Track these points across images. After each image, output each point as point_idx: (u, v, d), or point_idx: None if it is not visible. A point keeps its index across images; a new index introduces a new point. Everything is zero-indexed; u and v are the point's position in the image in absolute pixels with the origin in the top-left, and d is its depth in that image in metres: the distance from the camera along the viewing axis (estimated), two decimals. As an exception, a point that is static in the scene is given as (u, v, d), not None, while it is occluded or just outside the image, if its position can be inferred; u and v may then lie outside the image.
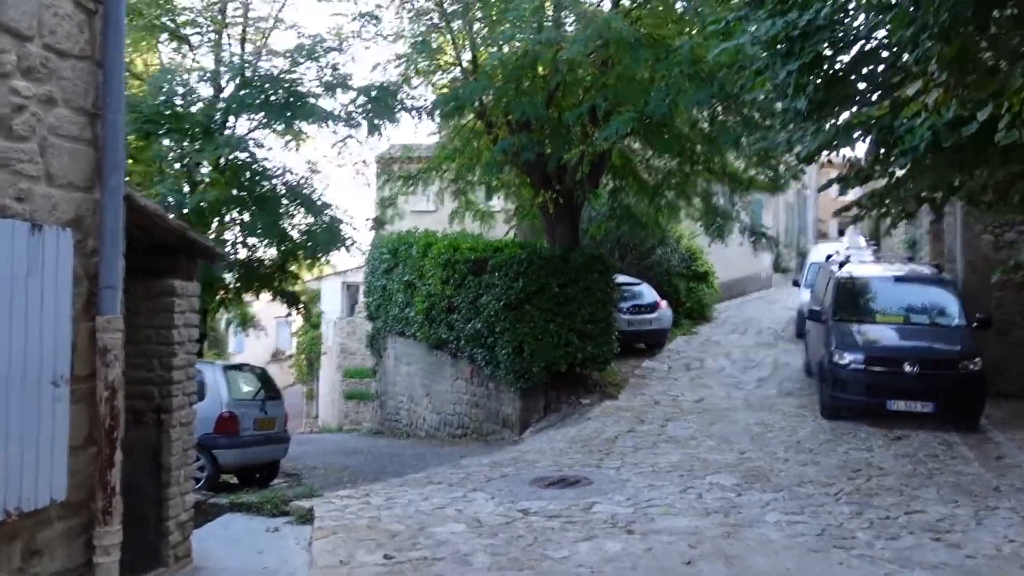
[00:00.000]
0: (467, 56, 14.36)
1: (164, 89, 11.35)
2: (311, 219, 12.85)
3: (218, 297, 12.63)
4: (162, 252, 6.85)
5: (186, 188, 11.91)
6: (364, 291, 24.87)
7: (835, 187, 10.17)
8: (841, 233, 47.49)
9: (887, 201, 8.96)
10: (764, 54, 7.44)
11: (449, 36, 13.64)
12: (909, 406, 11.54)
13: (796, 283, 20.76)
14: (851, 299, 12.96)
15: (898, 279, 13.28)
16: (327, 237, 13.31)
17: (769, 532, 7.37)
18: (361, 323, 27.14)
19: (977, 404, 11.62)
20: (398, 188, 15.92)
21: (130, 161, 12.08)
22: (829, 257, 15.81)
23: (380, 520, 7.96)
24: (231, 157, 11.81)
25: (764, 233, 16.26)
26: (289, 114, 12.03)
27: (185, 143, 11.02)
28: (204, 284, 11.93)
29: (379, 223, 15.04)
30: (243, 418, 10.69)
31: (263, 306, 46.27)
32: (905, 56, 6.33)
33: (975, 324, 12.24)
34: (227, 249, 11.53)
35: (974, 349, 11.84)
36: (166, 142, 11.01)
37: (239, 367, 12.22)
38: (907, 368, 11.60)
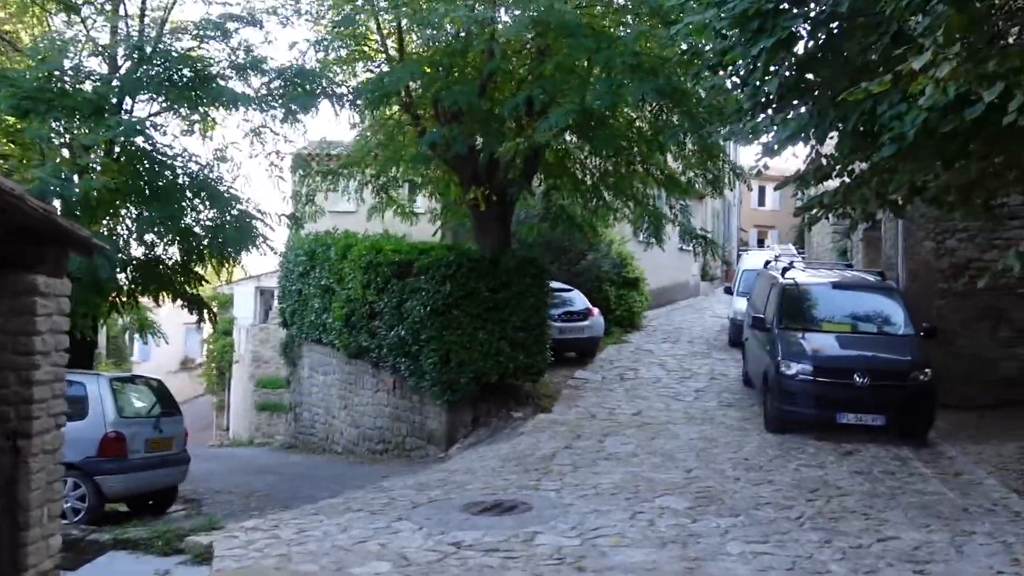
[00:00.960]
0: (393, 42, 13.31)
1: (47, 60, 9.92)
2: (218, 214, 11.53)
3: (109, 301, 11.18)
4: (22, 241, 5.61)
5: (75, 178, 10.54)
6: (278, 296, 23.46)
7: (767, 191, 9.51)
8: (761, 243, 48.07)
9: (849, 201, 8.29)
10: (732, 32, 6.67)
11: (374, 19, 12.56)
12: (859, 419, 10.98)
13: (728, 290, 20.31)
14: (796, 306, 12.39)
15: (843, 286, 12.78)
16: (237, 235, 12.03)
17: (735, 567, 6.55)
18: (275, 330, 25.68)
19: (928, 416, 11.16)
20: (316, 184, 14.71)
21: (6, 142, 10.64)
22: (768, 263, 15.30)
23: (291, 559, 6.84)
24: (125, 142, 10.44)
25: (704, 236, 15.64)
26: (195, 95, 10.73)
27: (73, 124, 9.64)
28: (94, 286, 10.57)
29: (296, 221, 13.79)
30: (133, 439, 9.33)
31: (169, 312, 43.98)
32: (905, 25, 5.65)
33: (922, 333, 11.78)
34: (119, 245, 10.11)
35: (924, 359, 11.38)
36: (51, 123, 9.59)
37: (130, 379, 10.85)
38: (857, 379, 11.03)
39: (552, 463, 10.48)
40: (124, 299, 11.12)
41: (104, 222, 10.51)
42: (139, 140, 10.65)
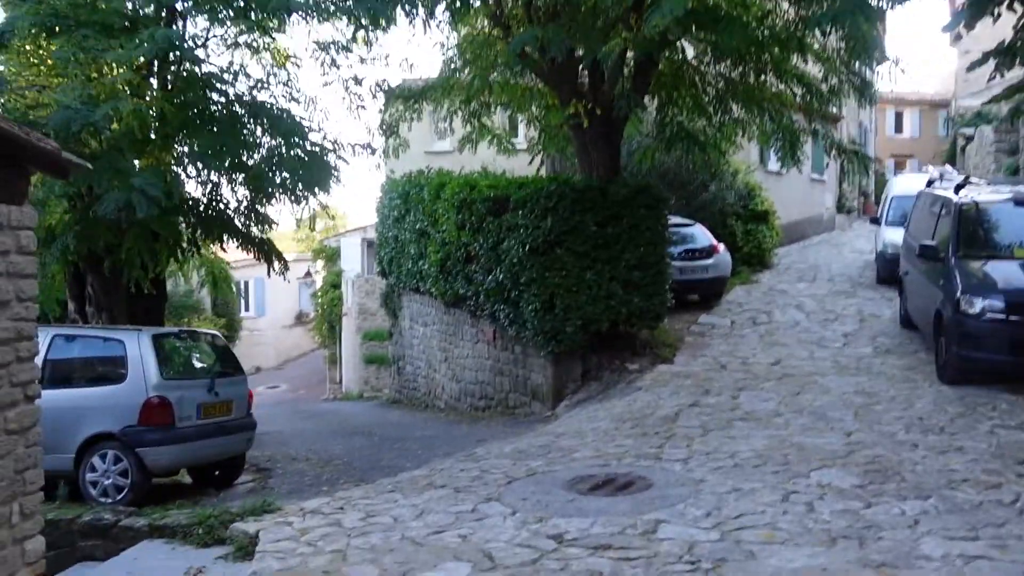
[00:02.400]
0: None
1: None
2: (283, 146, 10.13)
3: (168, 247, 9.97)
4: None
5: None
6: (376, 244, 22.33)
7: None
8: (900, 169, 43.89)
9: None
10: None
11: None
12: (1068, 366, 8.68)
13: (875, 220, 17.72)
14: (978, 230, 10.06)
15: (1036, 204, 10.29)
16: (308, 169, 10.66)
17: (944, 580, 4.67)
18: (380, 281, 24.65)
19: None
20: (399, 112, 13.14)
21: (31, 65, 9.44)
22: (931, 183, 12.85)
23: (346, 558, 5.40)
24: (168, 63, 9.11)
25: (856, 150, 13.25)
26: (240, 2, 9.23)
27: (103, 43, 8.36)
28: (142, 229, 9.42)
29: (373, 152, 12.27)
30: (181, 404, 8.04)
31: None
32: None
33: None
34: (167, 181, 8.82)
35: None
36: (80, 41, 8.32)
37: (179, 334, 9.60)
38: (1064, 316, 8.71)
39: (676, 425, 8.73)
40: (184, 245, 9.92)
41: (155, 158, 9.25)
42: (187, 64, 9.30)
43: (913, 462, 6.96)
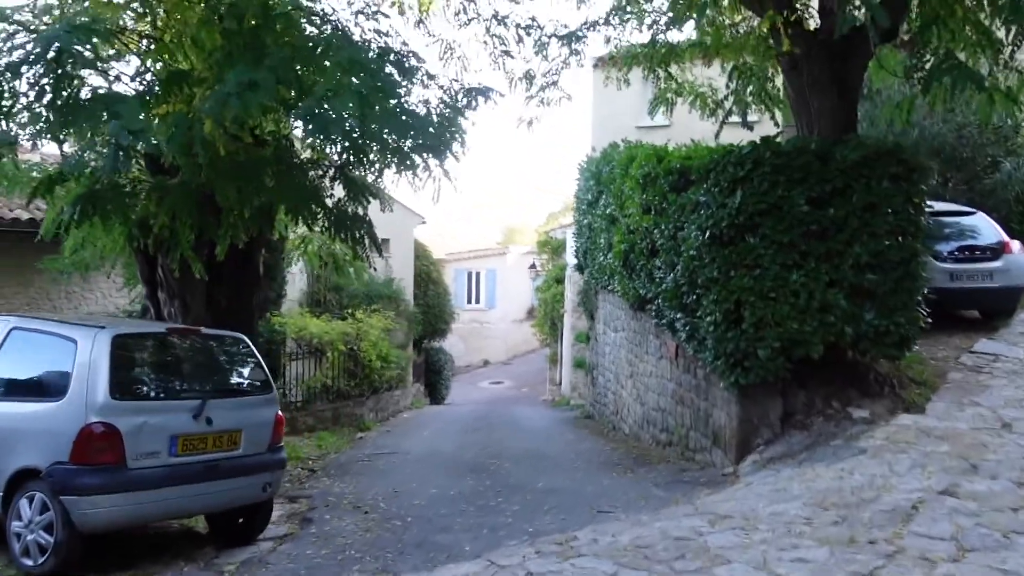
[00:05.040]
0: None
1: None
2: (374, 92, 7.73)
3: (231, 221, 7.88)
4: None
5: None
6: (573, 233, 19.69)
7: None
8: None
9: None
10: None
11: None
12: None
13: None
14: None
15: None
16: (433, 131, 8.22)
17: None
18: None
19: None
20: (552, 59, 10.25)
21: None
22: None
23: None
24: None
25: None
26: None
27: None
28: (182, 196, 7.40)
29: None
30: (140, 435, 5.70)
31: (518, 258, 42.52)
32: None
33: None
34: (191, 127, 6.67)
35: None
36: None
37: (163, 335, 6.78)
38: None
39: (910, 528, 5.20)
40: (246, 217, 7.77)
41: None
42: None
43: None
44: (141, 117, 6.17)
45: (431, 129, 8.75)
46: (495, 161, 59.44)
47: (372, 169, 8.74)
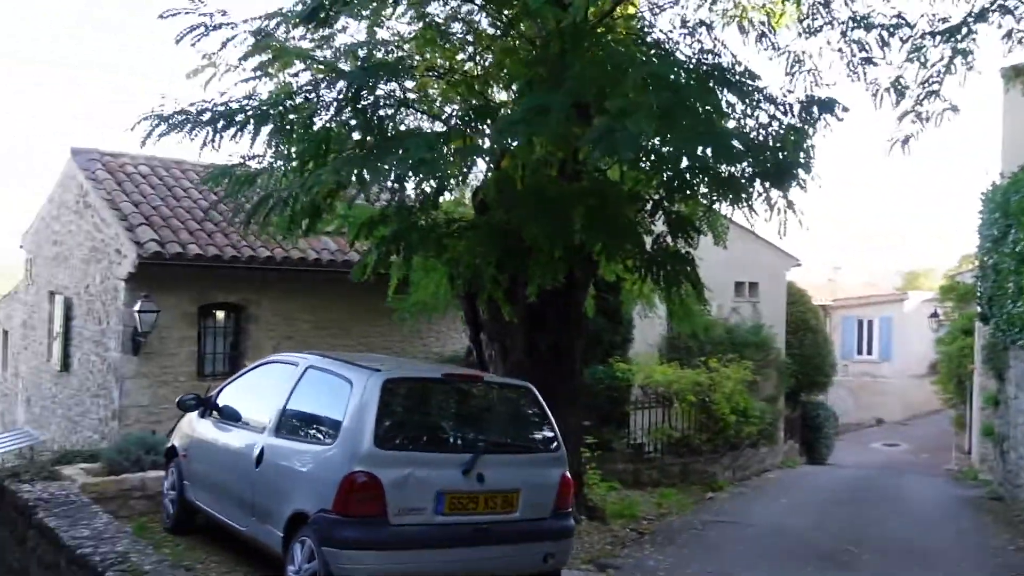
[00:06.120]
0: None
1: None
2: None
3: (565, 259, 7.32)
4: None
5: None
6: (976, 276, 16.47)
7: None
8: None
9: None
10: None
11: None
12: None
13: None
14: None
15: None
16: (770, 156, 7.13)
17: None
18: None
19: None
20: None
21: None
22: None
23: None
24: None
25: None
26: None
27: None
28: (491, 234, 7.04)
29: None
30: (404, 488, 5.24)
31: (918, 305, 37.57)
32: None
33: None
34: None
35: None
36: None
37: (437, 380, 6.23)
38: None
39: None
40: (556, 256, 7.12)
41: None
42: None
43: None
44: (430, 152, 5.87)
45: (767, 152, 7.59)
46: (885, 195, 54.15)
47: (698, 201, 7.75)
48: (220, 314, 13.88)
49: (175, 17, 6.76)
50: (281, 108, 6.57)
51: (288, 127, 6.71)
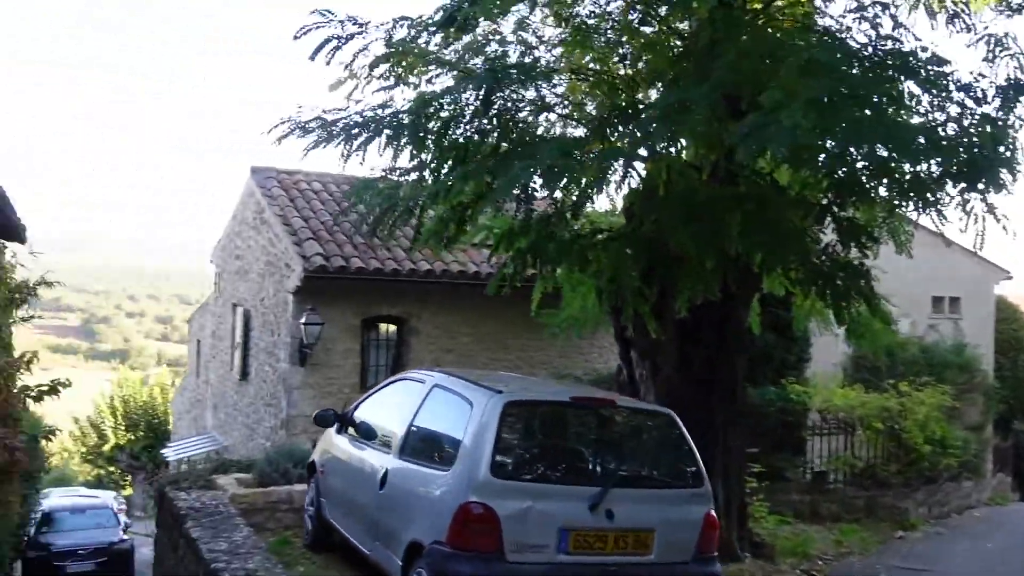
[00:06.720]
0: None
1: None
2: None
3: (720, 272, 6.66)
4: None
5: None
6: None
7: None
8: None
9: None
10: None
11: None
12: None
13: None
14: None
15: None
16: (964, 153, 6.21)
17: None
18: None
19: None
20: None
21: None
22: None
23: None
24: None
25: None
26: None
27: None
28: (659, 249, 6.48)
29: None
30: (523, 522, 4.76)
31: None
32: None
33: None
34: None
35: None
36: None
37: (565, 403, 5.69)
38: None
39: None
40: (707, 267, 6.42)
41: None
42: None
43: None
44: (563, 157, 5.44)
45: (960, 149, 6.61)
46: None
47: (876, 206, 6.85)
48: (383, 327, 14.08)
49: (307, 34, 6.70)
50: (415, 117, 6.36)
51: (423, 136, 6.49)
